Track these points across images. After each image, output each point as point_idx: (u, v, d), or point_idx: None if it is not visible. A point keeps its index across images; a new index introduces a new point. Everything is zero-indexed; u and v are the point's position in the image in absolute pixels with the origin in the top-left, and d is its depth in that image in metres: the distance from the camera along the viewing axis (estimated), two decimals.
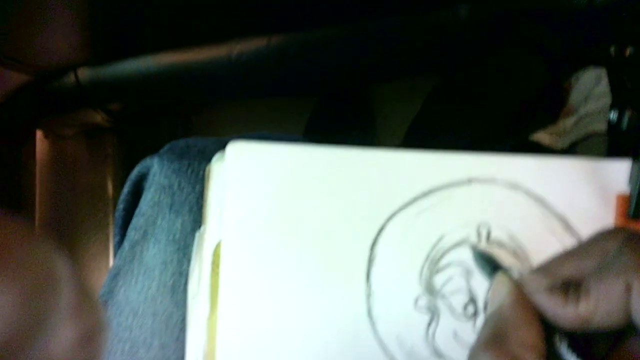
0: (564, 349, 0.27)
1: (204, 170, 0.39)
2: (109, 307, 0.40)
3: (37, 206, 0.85)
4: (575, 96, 0.50)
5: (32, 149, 0.82)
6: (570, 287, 0.27)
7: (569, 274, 0.28)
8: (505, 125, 0.36)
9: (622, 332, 0.27)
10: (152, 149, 0.44)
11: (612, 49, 0.40)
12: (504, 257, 0.34)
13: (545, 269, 0.29)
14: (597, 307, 0.26)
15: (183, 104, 0.82)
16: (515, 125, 0.36)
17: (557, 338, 0.27)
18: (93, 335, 0.17)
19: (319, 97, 0.80)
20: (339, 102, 0.84)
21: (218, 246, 0.35)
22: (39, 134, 0.83)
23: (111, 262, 0.74)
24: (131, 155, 0.87)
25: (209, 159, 0.39)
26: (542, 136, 0.49)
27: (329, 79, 0.65)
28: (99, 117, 0.79)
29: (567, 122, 0.49)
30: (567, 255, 0.29)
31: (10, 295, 0.13)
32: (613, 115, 0.36)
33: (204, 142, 0.42)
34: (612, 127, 0.36)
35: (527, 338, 0.27)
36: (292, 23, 0.57)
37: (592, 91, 0.48)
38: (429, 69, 0.66)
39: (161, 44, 0.66)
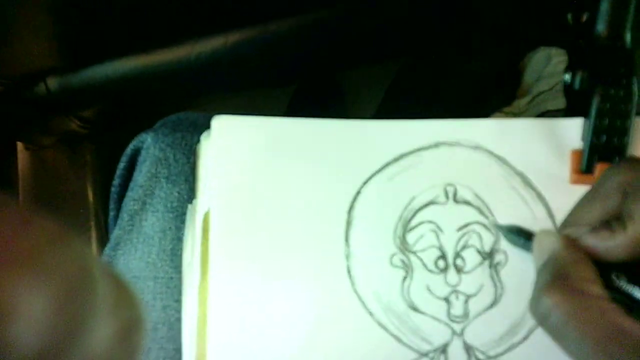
0: (623, 283, 0.29)
1: (197, 142, 0.41)
2: None
3: None
4: (528, 76, 0.52)
5: (14, 161, 0.84)
6: (611, 222, 0.30)
7: (599, 216, 0.30)
8: (464, 107, 0.38)
9: None
10: None
11: (569, 17, 0.42)
12: (470, 215, 0.37)
13: (576, 219, 0.32)
14: None
15: (154, 106, 0.84)
16: (474, 108, 0.38)
17: (614, 275, 0.29)
18: (131, 329, 0.16)
19: (295, 89, 0.82)
20: (310, 93, 0.87)
21: (207, 214, 0.38)
22: (19, 145, 0.84)
23: None
24: (110, 161, 0.89)
25: (200, 132, 0.41)
26: (499, 116, 0.51)
27: (289, 70, 0.67)
28: (73, 125, 0.80)
29: (522, 102, 0.51)
30: (589, 201, 0.32)
31: (45, 301, 0.13)
32: (567, 77, 0.38)
33: (194, 116, 0.44)
34: (567, 87, 0.38)
35: (586, 273, 0.29)
36: (247, 19, 0.59)
37: (543, 71, 0.51)
38: (389, 55, 0.68)
39: (125, 49, 0.67)
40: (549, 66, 0.50)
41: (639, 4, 0.36)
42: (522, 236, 0.34)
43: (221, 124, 0.39)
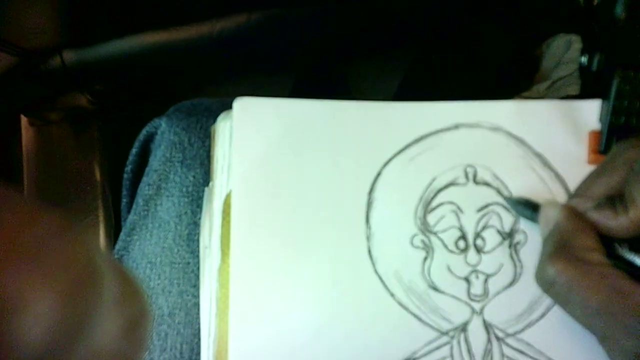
0: (626, 252, 0.30)
1: (211, 127, 0.41)
2: (125, 261, 0.42)
3: (25, 193, 0.85)
4: (546, 62, 0.53)
5: (18, 136, 0.82)
6: (615, 200, 0.31)
7: (605, 191, 0.32)
8: (481, 95, 0.38)
9: None
10: (137, 134, 0.46)
11: (581, 0, 0.42)
12: (489, 195, 0.37)
13: (584, 191, 0.33)
14: None
15: (167, 87, 0.83)
16: (491, 94, 0.39)
17: (616, 245, 0.30)
18: (137, 322, 0.16)
19: (297, 76, 0.81)
20: (315, 82, 0.86)
21: (228, 196, 0.38)
22: (24, 121, 0.83)
23: (102, 243, 0.77)
24: (117, 139, 0.87)
25: (215, 117, 0.41)
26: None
27: (307, 54, 0.67)
28: (84, 100, 0.79)
29: (541, 88, 0.52)
30: (597, 175, 0.33)
31: (50, 296, 0.13)
32: (584, 59, 0.39)
33: (208, 102, 0.44)
34: (583, 69, 0.38)
35: (588, 242, 0.31)
36: (271, 0, 0.58)
37: (562, 57, 0.51)
38: (404, 43, 0.68)
39: (144, 25, 0.66)
40: (569, 52, 0.51)
41: None
42: (529, 208, 0.35)
43: (243, 105, 0.38)
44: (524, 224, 0.37)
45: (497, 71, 0.55)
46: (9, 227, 0.13)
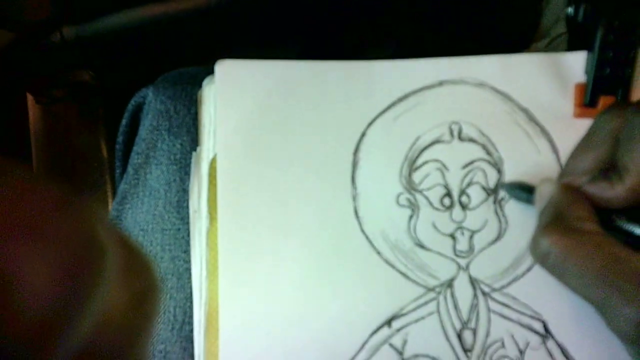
0: (624, 223, 0.30)
1: (197, 94, 0.41)
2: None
3: (34, 171, 0.86)
4: (546, 18, 0.51)
5: (24, 115, 0.83)
6: (609, 172, 0.31)
7: (595, 165, 0.32)
8: (483, 50, 0.38)
9: None
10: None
11: None
12: (475, 152, 0.37)
13: (574, 167, 0.33)
14: None
15: (165, 62, 0.83)
16: (493, 49, 0.38)
17: (614, 216, 0.30)
18: (145, 296, 0.16)
19: (303, 49, 0.81)
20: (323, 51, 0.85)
21: (213, 160, 0.38)
22: (30, 99, 0.83)
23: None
24: (121, 115, 0.89)
25: (200, 84, 0.41)
26: None
27: (308, 26, 0.66)
28: (86, 76, 0.80)
29: (540, 45, 0.51)
30: (584, 150, 0.32)
31: (48, 269, 0.13)
32: (570, 10, 0.38)
33: (195, 70, 0.44)
34: (570, 20, 0.38)
35: (582, 212, 0.31)
36: None
37: (561, 13, 0.50)
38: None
39: None
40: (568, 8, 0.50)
41: None
42: (525, 191, 0.35)
43: (225, 68, 0.39)
44: (508, 180, 0.37)
45: (496, 28, 0.54)
46: (6, 199, 0.13)
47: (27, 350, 0.12)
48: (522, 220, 0.36)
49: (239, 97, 0.38)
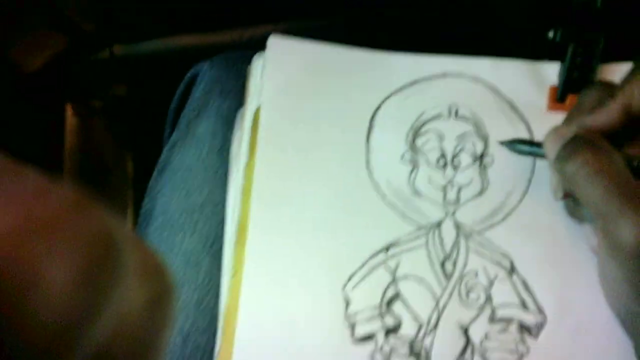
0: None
1: (247, 69, 0.51)
2: (167, 171, 0.51)
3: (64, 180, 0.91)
4: None
5: (61, 124, 0.86)
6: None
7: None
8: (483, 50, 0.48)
9: None
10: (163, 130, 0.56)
11: None
12: (467, 127, 0.47)
13: (571, 114, 0.42)
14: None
15: None
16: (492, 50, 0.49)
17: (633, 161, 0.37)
18: (161, 299, 0.16)
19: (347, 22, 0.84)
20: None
21: (258, 110, 0.47)
22: (68, 109, 0.87)
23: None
24: (147, 134, 0.93)
25: (250, 62, 0.51)
26: None
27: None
28: (122, 90, 0.87)
29: None
30: (574, 114, 0.41)
31: (64, 271, 0.13)
32: (551, 34, 0.49)
33: (248, 52, 0.54)
34: (550, 40, 0.48)
35: (605, 143, 0.37)
36: None
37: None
38: None
39: (182, 28, 0.76)
40: None
41: None
42: (524, 144, 0.44)
43: (276, 41, 0.49)
44: (492, 150, 0.46)
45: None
46: (22, 200, 0.13)
47: (43, 358, 0.12)
48: (501, 180, 0.45)
49: (284, 66, 0.48)
